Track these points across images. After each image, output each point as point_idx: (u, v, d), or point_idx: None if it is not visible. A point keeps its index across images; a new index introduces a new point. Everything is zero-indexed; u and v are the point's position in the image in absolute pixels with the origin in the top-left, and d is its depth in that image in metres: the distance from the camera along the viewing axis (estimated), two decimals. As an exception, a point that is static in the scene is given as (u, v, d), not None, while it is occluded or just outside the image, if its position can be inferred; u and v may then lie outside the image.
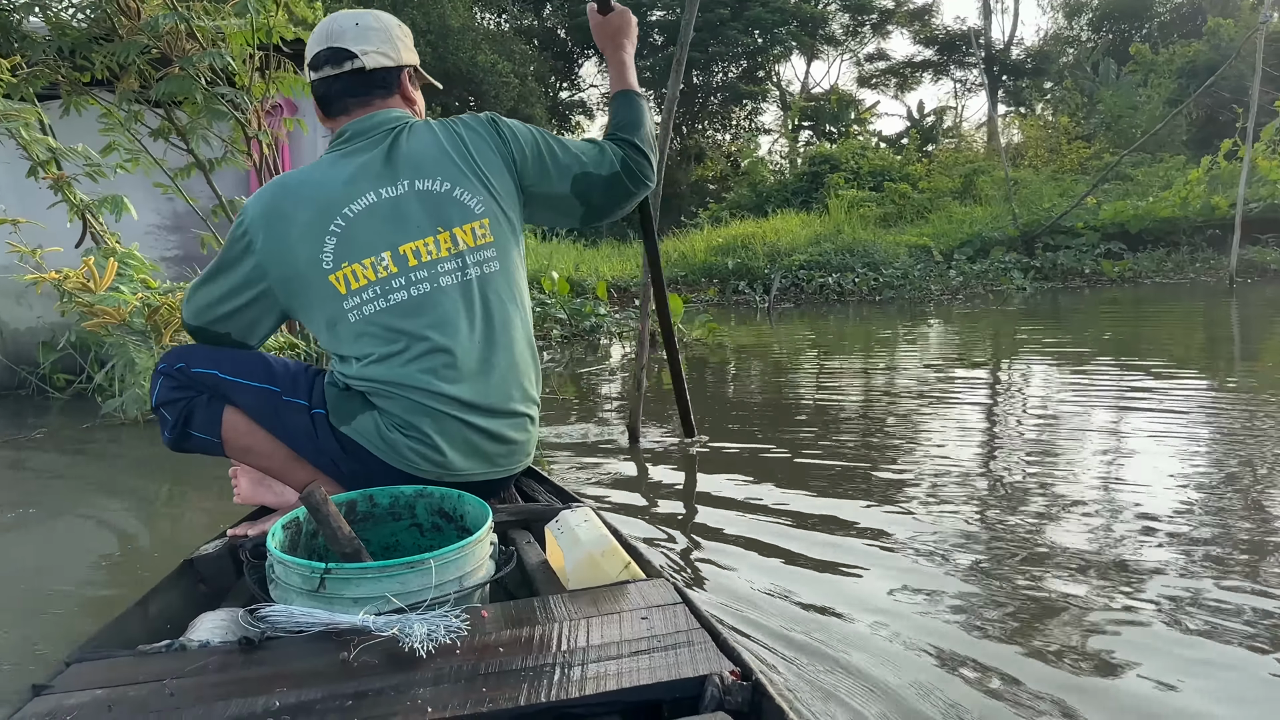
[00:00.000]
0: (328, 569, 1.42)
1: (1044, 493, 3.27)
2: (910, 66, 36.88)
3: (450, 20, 24.31)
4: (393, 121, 2.07)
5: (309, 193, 1.99)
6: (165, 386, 2.03)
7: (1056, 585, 2.37)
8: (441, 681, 1.23)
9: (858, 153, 21.16)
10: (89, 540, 3.34)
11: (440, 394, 1.94)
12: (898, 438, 4.27)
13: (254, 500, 2.24)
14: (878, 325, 10.08)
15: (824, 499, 3.31)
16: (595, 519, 1.73)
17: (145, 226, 7.20)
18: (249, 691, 1.22)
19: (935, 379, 6.06)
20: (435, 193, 2.01)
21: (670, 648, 1.32)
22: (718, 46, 30.76)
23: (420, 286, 1.98)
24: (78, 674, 1.31)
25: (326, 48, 2.04)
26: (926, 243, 14.88)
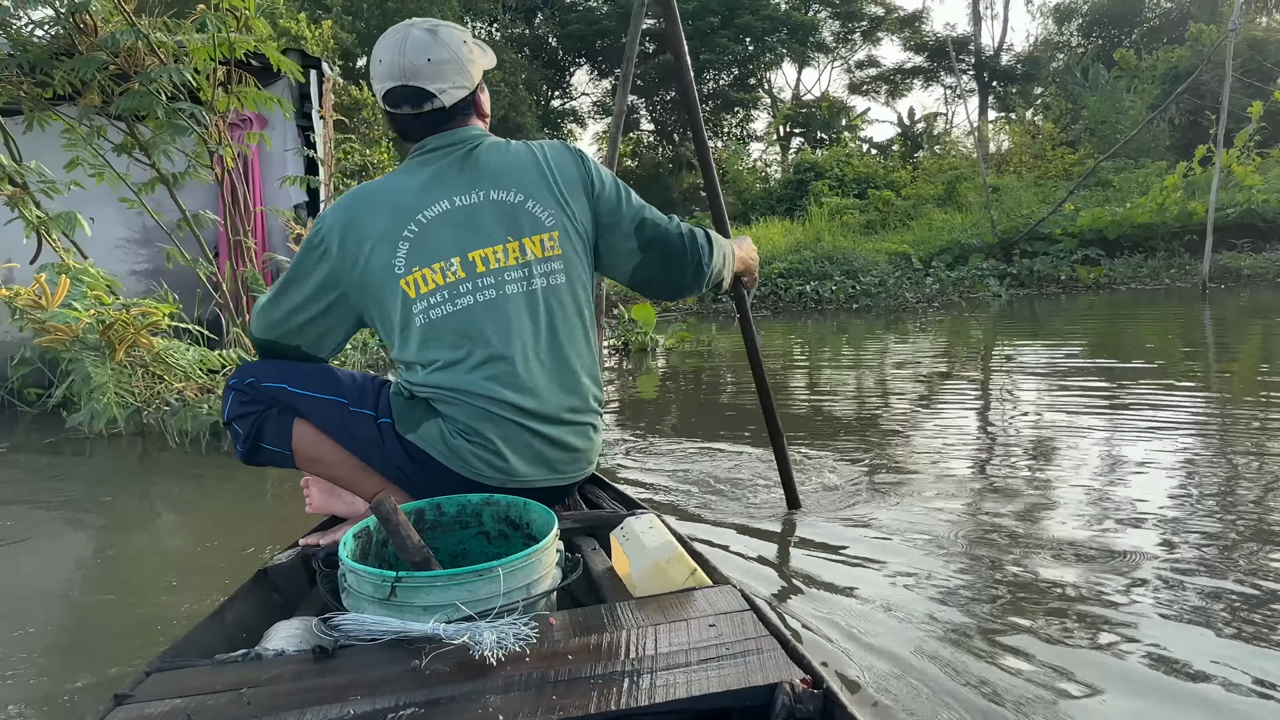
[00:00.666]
0: (398, 577, 1.44)
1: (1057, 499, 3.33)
2: (901, 73, 36.91)
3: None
4: (473, 139, 2.10)
5: (385, 199, 2.04)
6: (236, 402, 2.08)
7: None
8: (512, 689, 1.24)
9: (842, 160, 21.24)
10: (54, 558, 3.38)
11: (503, 401, 1.97)
12: (877, 441, 4.33)
13: (325, 510, 2.30)
14: (850, 333, 10.16)
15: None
16: (660, 525, 1.73)
17: (115, 240, 7.25)
18: (323, 700, 1.24)
19: (906, 385, 6.12)
20: (508, 203, 2.05)
21: (739, 655, 1.31)
22: (708, 54, 30.78)
23: (486, 293, 2.01)
24: (158, 683, 1.34)
25: (402, 86, 2.03)
26: (906, 250, 14.92)
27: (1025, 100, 31.92)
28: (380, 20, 23.46)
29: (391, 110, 2.10)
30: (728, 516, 3.30)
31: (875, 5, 35.38)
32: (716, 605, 1.49)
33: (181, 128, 5.40)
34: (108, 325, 4.53)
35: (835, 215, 17.75)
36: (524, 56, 30.98)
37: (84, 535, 3.60)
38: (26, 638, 2.56)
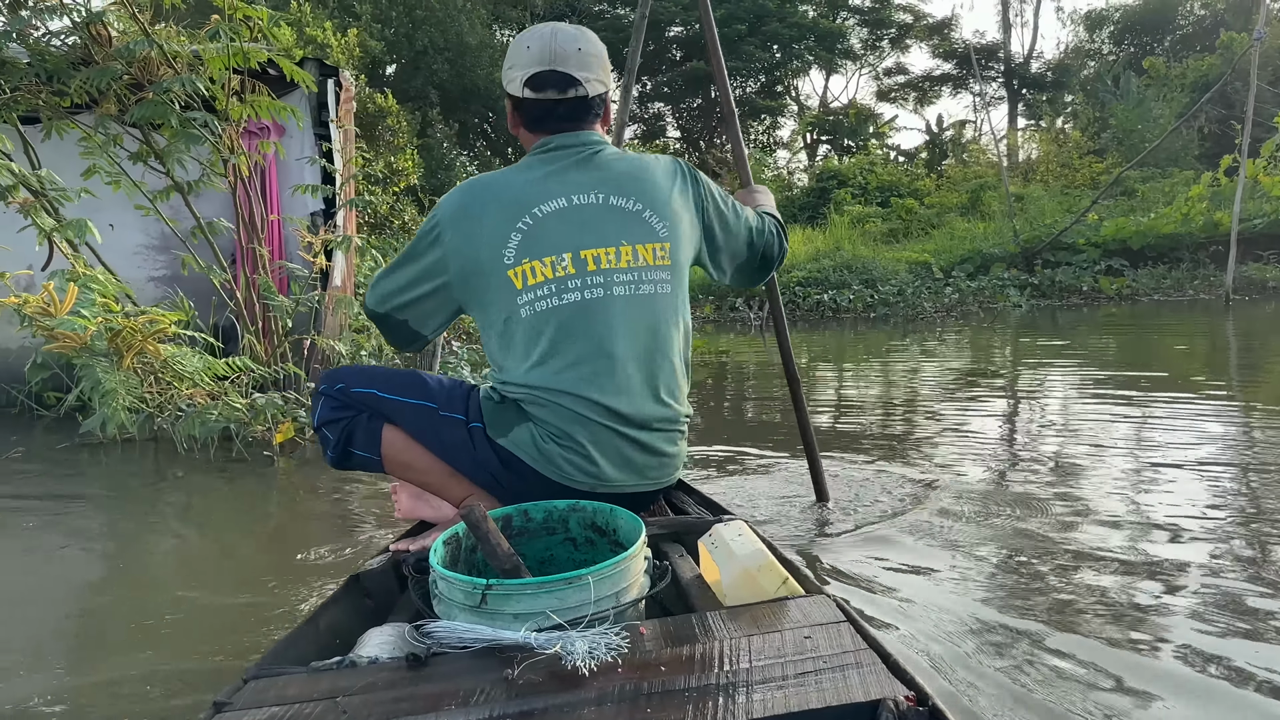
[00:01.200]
0: (489, 585, 1.43)
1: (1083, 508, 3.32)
2: (929, 80, 36.74)
3: (467, 38, 24.51)
4: (595, 144, 2.15)
5: (501, 192, 2.08)
6: (326, 407, 2.11)
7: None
8: (605, 701, 1.22)
9: (866, 168, 21.15)
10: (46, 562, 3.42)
11: (596, 403, 1.98)
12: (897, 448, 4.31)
13: (413, 515, 2.34)
14: (866, 343, 10.11)
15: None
16: (750, 533, 1.68)
17: (134, 247, 7.34)
18: (417, 710, 1.24)
19: (925, 393, 6.09)
20: (626, 210, 2.08)
21: (838, 669, 1.27)
22: (735, 62, 30.73)
23: (595, 291, 2.03)
24: (255, 691, 1.35)
25: (550, 70, 2.08)
26: (927, 259, 14.82)
27: (1055, 108, 31.64)
28: (409, 28, 23.61)
29: (533, 95, 2.11)
30: (761, 518, 3.34)
31: (904, 12, 35.26)
32: (811, 616, 1.45)
33: (195, 136, 5.46)
34: (115, 333, 4.59)
35: (857, 224, 17.70)
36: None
37: (75, 540, 3.63)
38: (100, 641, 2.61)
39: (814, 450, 3.43)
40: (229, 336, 6.40)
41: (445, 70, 24.28)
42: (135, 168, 5.81)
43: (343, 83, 7.81)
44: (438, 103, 23.61)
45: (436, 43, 23.93)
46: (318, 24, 15.85)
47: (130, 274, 7.17)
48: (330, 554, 3.22)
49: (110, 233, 7.08)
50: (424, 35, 23.67)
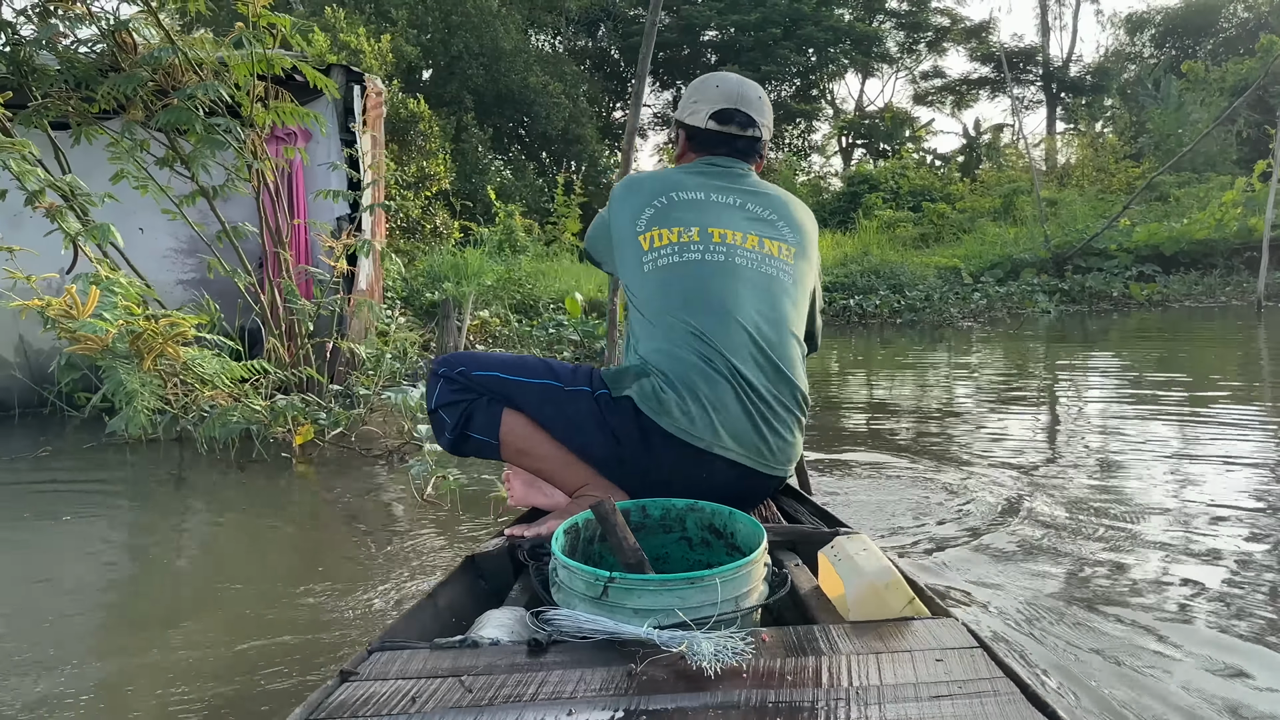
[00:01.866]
0: (612, 577, 1.43)
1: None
2: (966, 84, 36.58)
3: (502, 43, 24.58)
4: (749, 173, 2.43)
5: (653, 179, 2.37)
6: (445, 390, 2.16)
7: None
8: (731, 706, 1.19)
9: (898, 172, 21.06)
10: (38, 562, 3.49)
11: (715, 353, 2.04)
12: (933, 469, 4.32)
13: (526, 502, 2.38)
14: (892, 348, 10.06)
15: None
16: (874, 548, 1.64)
17: (163, 250, 7.46)
18: (544, 696, 1.24)
19: (952, 400, 6.07)
20: (760, 216, 2.29)
21: (974, 695, 1.22)
22: (770, 66, 30.73)
23: (716, 255, 2.18)
24: (380, 663, 1.38)
25: (739, 110, 2.39)
26: (957, 264, 14.72)
27: (1093, 112, 31.34)
28: (445, 33, 23.75)
29: (717, 127, 2.39)
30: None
31: (941, 15, 35.09)
32: (941, 639, 1.40)
33: (219, 142, 5.55)
34: (136, 335, 4.67)
35: (888, 228, 17.62)
36: (586, 69, 31.18)
37: (84, 535, 3.72)
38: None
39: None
40: (255, 339, 6.48)
41: (480, 75, 24.36)
42: (163, 173, 5.90)
43: (369, 88, 7.91)
44: (472, 107, 23.73)
45: (471, 48, 24.01)
46: (352, 30, 16.02)
47: (159, 277, 7.28)
48: (333, 559, 3.28)
49: (140, 236, 7.18)
50: (459, 41, 23.76)
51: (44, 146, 5.86)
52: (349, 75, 7.62)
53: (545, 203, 19.32)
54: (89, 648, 2.51)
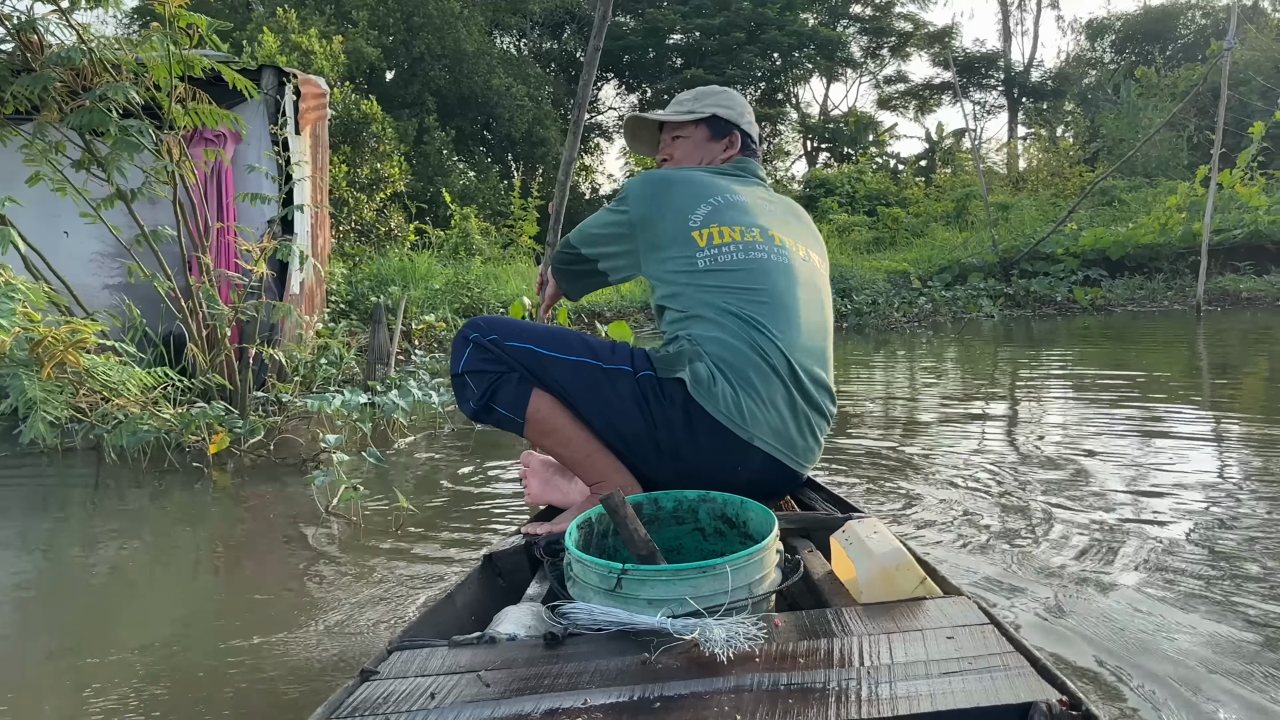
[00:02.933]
0: (624, 569, 1.45)
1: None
2: (929, 88, 36.76)
3: (465, 45, 24.49)
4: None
5: (691, 177, 2.37)
6: (474, 356, 2.11)
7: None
8: (744, 690, 1.21)
9: (855, 176, 21.08)
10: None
11: (769, 350, 2.05)
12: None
13: (542, 500, 2.43)
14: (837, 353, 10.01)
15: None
16: (885, 530, 1.66)
17: (89, 254, 7.30)
18: (558, 687, 1.25)
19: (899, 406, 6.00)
20: (799, 223, 2.44)
21: (984, 670, 1.24)
22: (734, 70, 30.73)
23: (781, 255, 2.21)
24: (400, 661, 1.40)
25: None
26: (906, 268, 14.69)
27: (1054, 117, 31.56)
28: (406, 35, 23.62)
29: (755, 133, 2.62)
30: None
31: (904, 21, 35.23)
32: (953, 617, 1.42)
33: (135, 144, 5.44)
34: (36, 342, 4.56)
35: (842, 233, 17.59)
36: (550, 71, 31.07)
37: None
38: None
39: None
40: (181, 345, 6.37)
41: (443, 77, 24.27)
42: (78, 176, 5.78)
43: (303, 89, 7.79)
44: (435, 109, 23.60)
45: (434, 50, 23.90)
46: (304, 31, 15.86)
47: (85, 281, 7.14)
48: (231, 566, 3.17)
49: (65, 240, 7.07)
50: (421, 42, 23.65)
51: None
52: (280, 75, 7.50)
53: (508, 205, 19.25)
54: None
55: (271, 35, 14.06)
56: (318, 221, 10.06)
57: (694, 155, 2.58)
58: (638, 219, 2.31)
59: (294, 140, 7.70)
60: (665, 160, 2.65)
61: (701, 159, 2.57)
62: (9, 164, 5.72)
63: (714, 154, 2.57)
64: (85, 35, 5.34)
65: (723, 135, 2.58)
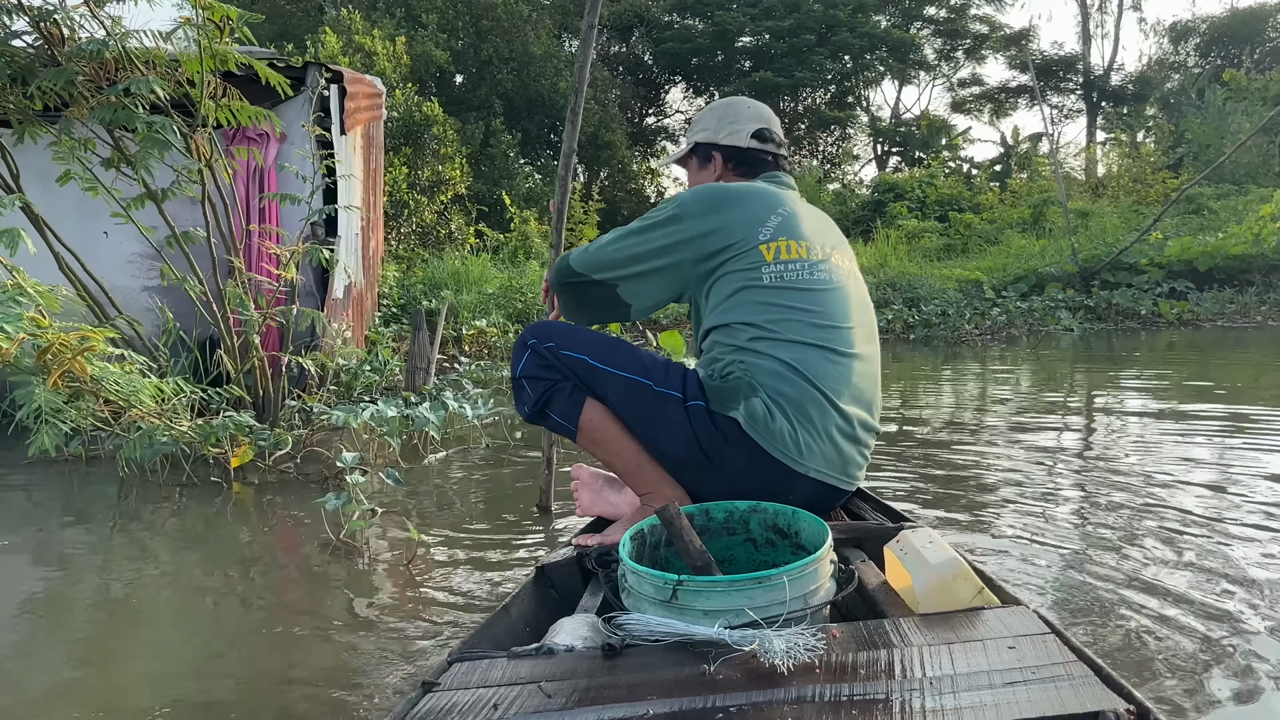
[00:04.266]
0: (680, 581, 1.44)
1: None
2: (1005, 92, 35.77)
3: (532, 47, 24.32)
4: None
5: (749, 190, 2.29)
6: (531, 362, 2.15)
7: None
8: (805, 701, 1.19)
9: (926, 181, 20.22)
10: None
11: (831, 384, 2.03)
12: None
13: (592, 512, 2.46)
14: (901, 366, 9.43)
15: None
16: (940, 540, 1.64)
17: (128, 255, 7.08)
18: (619, 698, 1.24)
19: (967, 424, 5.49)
20: (839, 237, 2.38)
21: (1048, 680, 1.21)
22: (804, 73, 30.17)
23: (839, 279, 2.19)
24: (460, 673, 1.40)
25: (771, 129, 2.51)
26: (979, 277, 13.89)
27: (1135, 122, 30.39)
28: (474, 38, 23.52)
29: (759, 145, 2.47)
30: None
31: (980, 23, 34.29)
32: (1013, 627, 1.40)
33: (161, 141, 5.15)
34: (43, 349, 4.28)
35: (911, 239, 16.82)
36: (618, 74, 30.78)
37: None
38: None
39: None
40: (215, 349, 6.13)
41: (510, 80, 24.11)
42: (118, 176, 5.53)
43: (350, 88, 7.49)
44: (501, 112, 23.42)
45: (501, 53, 23.78)
46: (367, 33, 15.67)
47: (123, 283, 6.93)
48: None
49: (104, 241, 6.85)
50: (490, 45, 23.54)
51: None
52: (325, 73, 7.20)
53: (572, 208, 18.88)
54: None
55: (334, 36, 13.87)
56: (369, 224, 9.81)
57: (724, 179, 2.51)
58: (697, 231, 2.19)
59: (339, 140, 7.41)
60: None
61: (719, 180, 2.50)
62: (43, 163, 5.48)
63: (723, 175, 2.51)
64: (115, 28, 5.07)
65: (706, 161, 2.53)
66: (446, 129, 15.37)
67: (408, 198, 14.37)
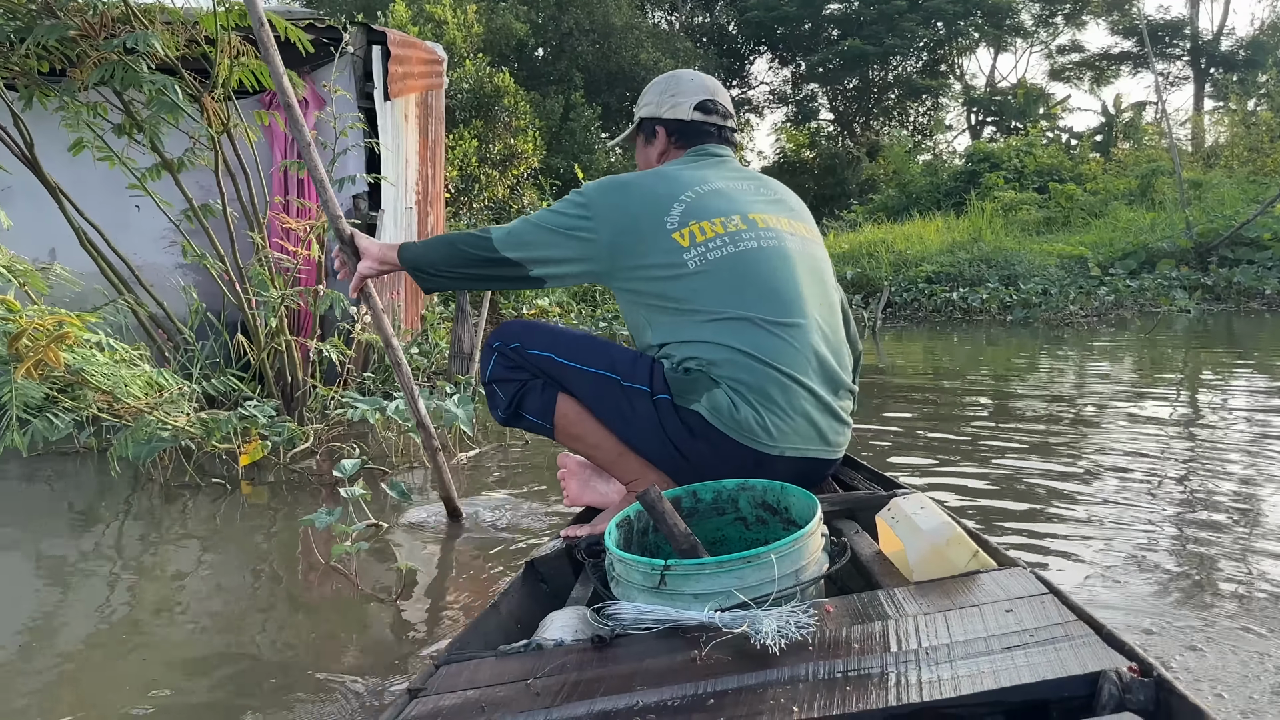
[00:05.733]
0: (667, 566, 1.41)
1: None
2: (1106, 58, 34.00)
3: (613, 19, 23.77)
4: (733, 158, 2.39)
5: (657, 176, 2.17)
6: (499, 365, 2.13)
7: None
8: (799, 680, 1.16)
9: (1024, 150, 18.85)
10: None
11: (788, 361, 1.94)
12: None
13: (580, 502, 2.39)
14: (996, 351, 8.47)
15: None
16: (932, 505, 1.59)
17: (160, 230, 6.63)
18: (611, 689, 1.21)
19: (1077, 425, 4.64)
20: (775, 197, 2.25)
21: (1047, 642, 1.17)
22: (894, 40, 29.08)
23: (769, 241, 2.07)
24: (448, 675, 1.36)
25: (716, 100, 2.37)
26: (1083, 252, 12.67)
27: (1248, 89, 28.38)
28: (555, 10, 23.04)
29: (702, 117, 2.34)
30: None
31: (1081, -13, 32.58)
32: (1009, 589, 1.36)
33: (168, 103, 4.59)
34: (14, 336, 3.75)
35: (1007, 211, 15.62)
36: (700, 45, 29.96)
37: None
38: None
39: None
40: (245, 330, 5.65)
41: (590, 52, 23.64)
42: (129, 143, 5.02)
43: (396, 52, 6.86)
44: (581, 85, 22.87)
45: (582, 24, 23.30)
46: (437, 2, 15.12)
47: (156, 260, 6.52)
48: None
49: (137, 215, 6.40)
50: (570, 17, 23.08)
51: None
52: (370, 35, 6.60)
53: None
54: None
55: (403, 5, 13.36)
56: (427, 198, 9.24)
57: (641, 164, 2.45)
58: (607, 230, 2.08)
59: (382, 107, 6.81)
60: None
61: (645, 166, 2.42)
62: (48, 127, 5.01)
63: (649, 159, 2.42)
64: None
65: (651, 136, 2.42)
66: (518, 100, 14.75)
67: (478, 172, 13.81)
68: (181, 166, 5.12)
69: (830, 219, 20.65)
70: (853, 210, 20.21)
